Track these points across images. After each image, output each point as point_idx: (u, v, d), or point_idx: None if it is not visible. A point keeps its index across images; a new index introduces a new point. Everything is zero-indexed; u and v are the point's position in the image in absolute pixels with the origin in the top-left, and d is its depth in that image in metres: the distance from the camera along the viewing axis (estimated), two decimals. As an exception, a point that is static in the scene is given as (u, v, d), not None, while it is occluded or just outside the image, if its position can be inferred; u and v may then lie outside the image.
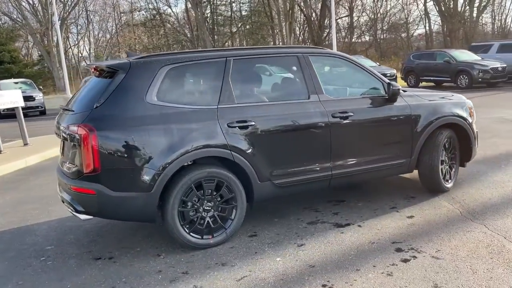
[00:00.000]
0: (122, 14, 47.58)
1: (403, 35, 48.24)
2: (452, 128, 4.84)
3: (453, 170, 4.99)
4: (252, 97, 4.09)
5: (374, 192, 5.05)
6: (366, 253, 3.51)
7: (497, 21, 53.80)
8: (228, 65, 3.95)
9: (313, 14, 40.74)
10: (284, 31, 34.09)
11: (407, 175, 5.34)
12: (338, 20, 41.83)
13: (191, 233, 3.73)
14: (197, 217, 3.75)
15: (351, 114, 4.27)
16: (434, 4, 44.10)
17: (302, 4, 39.15)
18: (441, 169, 4.76)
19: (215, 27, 42.09)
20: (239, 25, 43.52)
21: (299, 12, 40.18)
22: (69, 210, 3.80)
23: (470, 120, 4.98)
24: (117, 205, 3.57)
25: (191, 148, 3.64)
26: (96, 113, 3.54)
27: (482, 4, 46.99)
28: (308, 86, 4.19)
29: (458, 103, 4.95)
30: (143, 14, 43.51)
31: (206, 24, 38.34)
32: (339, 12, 41.51)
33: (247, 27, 42.74)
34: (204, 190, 3.75)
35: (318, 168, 4.20)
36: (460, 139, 4.97)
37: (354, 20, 42.07)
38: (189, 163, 3.71)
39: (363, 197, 4.87)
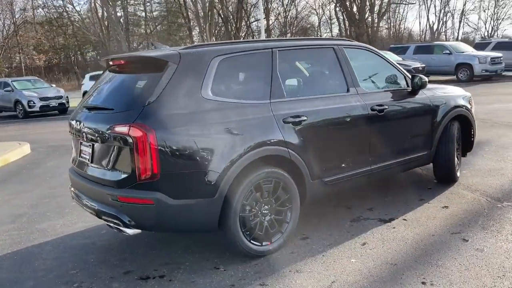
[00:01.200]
0: (21, 12, 43.53)
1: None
2: (458, 119, 5.03)
3: (459, 160, 5.19)
4: (298, 90, 3.85)
5: (389, 186, 5.06)
6: (435, 246, 3.47)
7: (392, 27, 58.53)
8: (275, 56, 3.68)
9: (230, 16, 40.83)
10: (205, 33, 33.64)
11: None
12: (255, 22, 42.47)
13: (251, 241, 3.40)
14: (256, 222, 3.43)
15: (386, 107, 4.22)
16: (341, 10, 46.76)
17: (219, 6, 39.01)
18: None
19: (130, 27, 40.30)
20: (155, 25, 42.13)
21: (216, 14, 39.95)
22: (111, 224, 3.25)
23: (472, 111, 5.22)
24: (177, 215, 3.12)
25: (251, 146, 3.31)
26: (150, 110, 3.06)
27: (381, 11, 50.84)
28: (346, 78, 4.06)
29: (462, 95, 5.15)
30: (47, 12, 40.26)
31: (120, 24, 36.51)
32: (256, 14, 42.13)
33: (164, 27, 41.53)
34: (263, 193, 3.44)
35: (360, 163, 4.09)
36: (463, 130, 5.18)
37: (270, 23, 42.94)
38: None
39: (383, 191, 4.86)
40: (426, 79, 4.54)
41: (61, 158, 8.23)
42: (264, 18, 43.18)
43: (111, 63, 3.67)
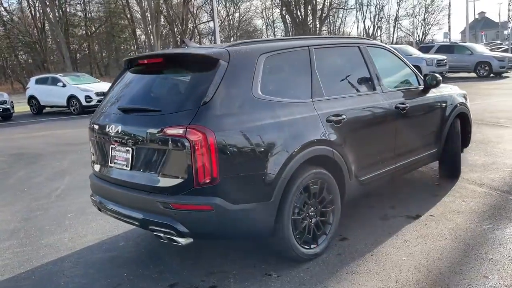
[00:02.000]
0: None
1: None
2: (459, 116, 5.22)
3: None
4: (334, 89, 3.79)
5: (396, 184, 5.14)
6: (476, 240, 3.55)
7: (332, 31, 60.50)
8: (312, 54, 3.61)
9: (176, 18, 40.14)
10: (152, 35, 32.80)
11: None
12: (200, 25, 42.10)
13: (301, 244, 3.30)
14: (305, 225, 3.33)
15: (407, 105, 4.29)
16: (286, 14, 47.61)
17: (163, 8, 38.20)
18: (458, 155, 5.12)
19: (69, 29, 38.36)
20: (96, 26, 40.42)
21: (162, 16, 39.12)
22: (161, 235, 3.01)
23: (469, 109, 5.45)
24: (235, 221, 2.95)
25: (302, 147, 3.21)
26: (206, 111, 2.86)
27: (323, 16, 52.44)
28: (372, 77, 4.08)
29: (461, 93, 5.36)
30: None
31: (59, 24, 34.64)
32: (202, 17, 41.85)
33: (108, 29, 39.96)
34: (310, 194, 3.35)
35: (388, 161, 4.13)
36: (461, 126, 5.39)
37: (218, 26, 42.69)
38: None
39: (392, 189, 4.90)
40: (440, 77, 4.66)
41: (30, 167, 7.63)
42: (211, 21, 42.93)
43: (142, 61, 3.41)
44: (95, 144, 3.58)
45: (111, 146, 3.34)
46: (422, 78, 4.69)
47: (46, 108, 18.64)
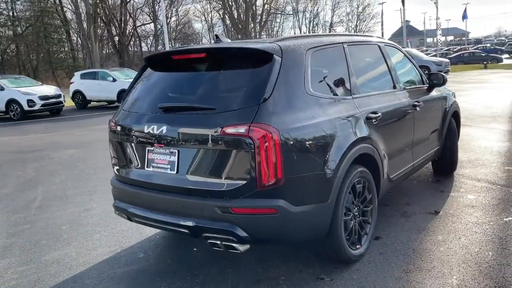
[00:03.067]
0: None
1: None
2: (453, 114, 5.41)
3: (451, 152, 5.60)
4: (365, 86, 3.74)
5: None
6: (505, 233, 3.66)
7: (270, 35, 61.51)
8: (346, 51, 3.55)
9: (114, 19, 38.63)
10: (89, 35, 31.26)
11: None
12: (141, 26, 40.85)
13: (350, 245, 3.21)
14: (351, 226, 3.25)
15: (421, 103, 4.36)
16: (227, 17, 47.65)
17: (101, 9, 36.62)
18: (454, 151, 5.31)
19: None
20: (26, 26, 37.81)
21: (98, 17, 37.44)
22: (217, 242, 2.77)
23: None
24: (297, 224, 2.80)
25: (351, 145, 3.13)
26: (267, 108, 2.69)
27: (262, 20, 53.20)
28: (392, 75, 4.11)
29: (452, 93, 5.56)
30: None
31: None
32: (143, 19, 40.61)
33: (37, 29, 37.48)
34: (355, 194, 3.28)
35: (408, 158, 4.17)
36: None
37: (158, 28, 41.64)
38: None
39: (396, 187, 4.98)
40: (446, 76, 4.80)
41: (-10, 176, 6.89)
42: (151, 23, 41.85)
43: (179, 57, 3.16)
44: (121, 147, 3.26)
45: (147, 148, 3.05)
46: (425, 77, 4.80)
47: None
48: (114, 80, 17.62)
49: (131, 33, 39.74)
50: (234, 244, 2.73)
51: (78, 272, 3.44)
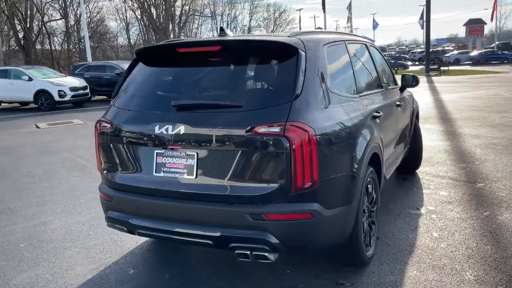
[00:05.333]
0: None
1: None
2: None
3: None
4: (365, 86, 3.69)
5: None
6: (491, 227, 3.82)
7: (188, 37, 60.74)
8: (348, 49, 3.48)
9: (19, 13, 35.37)
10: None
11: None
12: (49, 22, 37.88)
13: (365, 247, 3.13)
14: (365, 227, 3.17)
15: (402, 103, 4.45)
16: (146, 17, 46.16)
17: (2, 1, 33.34)
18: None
19: None
20: None
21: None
22: (247, 252, 2.52)
23: None
24: (329, 228, 2.65)
25: (368, 143, 3.06)
26: (299, 105, 2.51)
27: (181, 22, 52.45)
28: (379, 75, 4.13)
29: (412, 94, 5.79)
30: None
31: None
32: (51, 14, 37.63)
33: None
34: (368, 194, 3.21)
35: (394, 157, 4.22)
36: None
37: (70, 25, 38.87)
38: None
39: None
40: (419, 78, 4.95)
41: None
42: (61, 19, 38.95)
43: (187, 50, 2.85)
44: (117, 150, 2.86)
45: (156, 151, 2.70)
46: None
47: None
48: (30, 79, 16.29)
49: (38, 29, 36.67)
50: (266, 254, 2.51)
51: (64, 296, 2.97)
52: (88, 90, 17.05)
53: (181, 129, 2.58)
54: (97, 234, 4.03)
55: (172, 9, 46.98)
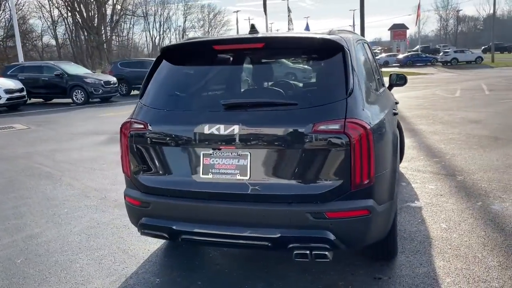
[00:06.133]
0: None
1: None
2: None
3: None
4: (379, 83, 3.74)
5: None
6: (490, 216, 4.07)
7: (119, 37, 58.93)
8: (364, 47, 3.55)
9: None
10: None
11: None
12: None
13: (395, 241, 3.21)
14: (394, 221, 3.25)
15: (396, 101, 4.61)
16: (76, 15, 44.02)
17: None
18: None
19: None
20: None
21: None
22: (306, 252, 2.46)
23: None
24: (379, 224, 2.67)
25: (397, 140, 3.14)
26: (354, 102, 2.51)
27: (113, 22, 50.76)
28: (379, 73, 4.24)
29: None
30: None
31: None
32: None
33: None
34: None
35: None
36: None
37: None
38: None
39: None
40: (407, 77, 5.14)
41: None
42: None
43: (227, 47, 2.73)
44: (155, 153, 2.69)
45: (203, 152, 2.57)
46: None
47: None
48: None
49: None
50: (326, 252, 2.48)
51: (92, 313, 2.74)
52: (25, 93, 15.90)
53: (235, 128, 2.48)
54: (100, 245, 3.76)
55: (103, 9, 45.19)
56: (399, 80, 5.00)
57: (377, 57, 47.47)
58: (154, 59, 3.09)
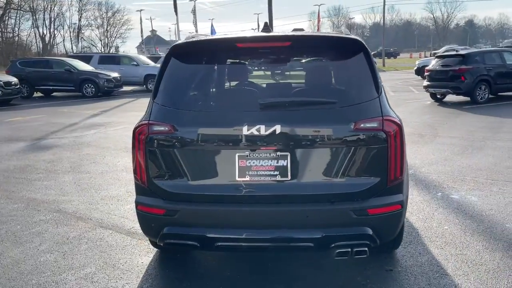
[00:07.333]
0: None
1: None
2: None
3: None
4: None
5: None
6: (457, 205, 4.43)
7: (6, 34, 53.89)
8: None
9: None
10: None
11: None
12: None
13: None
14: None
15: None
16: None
17: None
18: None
19: None
20: None
21: None
22: (348, 250, 2.46)
23: None
24: (404, 216, 2.76)
25: None
26: (383, 100, 2.60)
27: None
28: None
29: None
30: None
31: None
32: None
33: None
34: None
35: None
36: None
37: None
38: None
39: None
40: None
41: None
42: None
43: (251, 45, 2.62)
44: (180, 156, 2.49)
45: (237, 154, 2.44)
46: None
47: None
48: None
49: None
50: (366, 249, 2.51)
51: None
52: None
53: (276, 129, 2.39)
54: (83, 262, 3.38)
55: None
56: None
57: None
58: (63, 58, 2.79)
